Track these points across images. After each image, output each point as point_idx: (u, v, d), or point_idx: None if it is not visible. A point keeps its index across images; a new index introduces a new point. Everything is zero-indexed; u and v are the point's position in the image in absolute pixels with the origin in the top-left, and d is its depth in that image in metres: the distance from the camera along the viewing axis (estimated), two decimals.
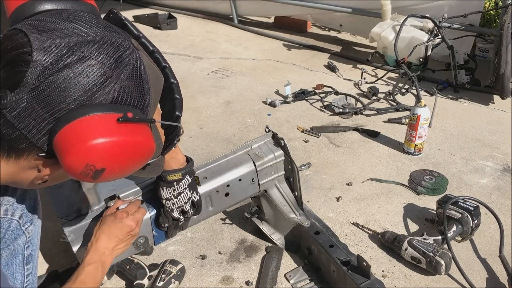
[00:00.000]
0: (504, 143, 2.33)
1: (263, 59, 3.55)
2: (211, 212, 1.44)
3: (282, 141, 1.48)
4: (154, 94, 0.79)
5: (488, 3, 3.80)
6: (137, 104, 0.74)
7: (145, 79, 0.75)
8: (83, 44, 0.70)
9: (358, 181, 2.00)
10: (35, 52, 0.67)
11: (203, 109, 2.69)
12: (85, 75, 0.68)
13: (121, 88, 0.71)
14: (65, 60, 0.68)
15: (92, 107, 0.68)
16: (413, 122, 2.15)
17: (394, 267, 1.53)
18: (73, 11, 0.80)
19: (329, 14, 3.90)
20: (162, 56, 0.93)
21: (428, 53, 3.09)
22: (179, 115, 0.92)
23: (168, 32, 4.17)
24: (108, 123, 0.68)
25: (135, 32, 0.91)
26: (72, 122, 0.67)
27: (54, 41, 0.69)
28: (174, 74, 0.95)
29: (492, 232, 1.68)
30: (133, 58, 0.74)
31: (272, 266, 1.50)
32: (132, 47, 0.75)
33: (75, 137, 0.67)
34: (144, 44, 0.91)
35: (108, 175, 0.72)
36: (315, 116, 2.62)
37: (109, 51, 0.71)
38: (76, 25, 0.72)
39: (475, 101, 2.83)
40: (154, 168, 0.95)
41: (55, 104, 0.67)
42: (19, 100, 0.67)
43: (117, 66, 0.71)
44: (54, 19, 0.73)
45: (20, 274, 1.06)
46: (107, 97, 0.70)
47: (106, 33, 0.74)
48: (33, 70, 0.67)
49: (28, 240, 1.08)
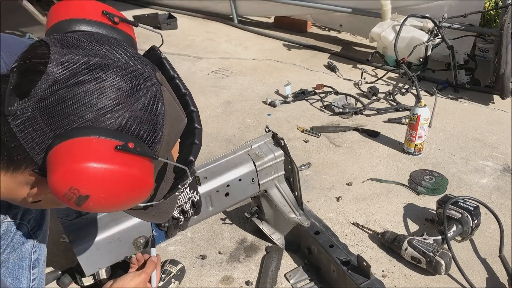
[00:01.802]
0: (504, 143, 2.33)
1: (263, 59, 3.55)
2: (211, 212, 1.44)
3: (282, 141, 1.48)
4: (170, 133, 0.75)
5: (488, 3, 3.80)
6: (145, 137, 0.70)
7: (161, 115, 0.71)
8: (102, 66, 0.68)
9: (358, 181, 2.00)
10: (51, 64, 0.66)
11: (203, 109, 2.69)
12: (96, 96, 0.66)
13: (131, 117, 0.68)
14: (79, 77, 0.66)
15: (94, 130, 0.65)
16: (413, 122, 2.15)
17: (394, 267, 1.53)
18: (106, 36, 0.78)
19: (329, 14, 3.90)
20: (183, 83, 0.90)
21: (428, 53, 3.09)
22: (192, 160, 0.86)
23: (168, 32, 4.17)
24: (105, 149, 0.64)
25: (170, 72, 0.89)
26: (69, 140, 0.64)
27: (73, 57, 0.67)
28: (194, 102, 0.91)
29: (492, 232, 1.68)
30: (152, 91, 0.71)
31: (272, 266, 1.50)
32: (154, 80, 0.72)
33: (67, 156, 0.64)
34: (177, 85, 0.89)
35: (92, 204, 0.66)
36: (315, 116, 2.62)
37: (126, 78, 0.69)
38: (101, 48, 0.70)
39: (475, 101, 2.83)
40: (159, 213, 0.88)
41: (58, 119, 0.65)
42: (25, 109, 0.65)
43: (132, 95, 0.68)
44: (82, 38, 0.72)
45: (26, 278, 1.07)
46: (114, 123, 0.67)
47: (131, 61, 0.71)
48: (45, 81, 0.65)
49: (35, 244, 1.09)
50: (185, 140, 0.90)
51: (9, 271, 1.03)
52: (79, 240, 1.22)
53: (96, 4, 0.83)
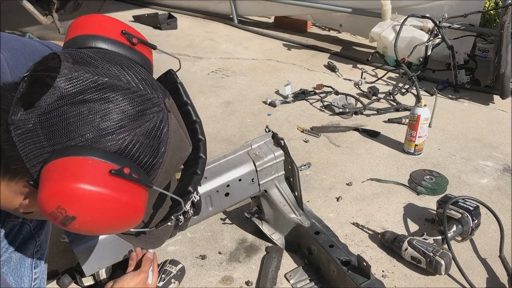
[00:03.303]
0: (504, 143, 2.33)
1: (263, 59, 3.55)
2: (211, 212, 1.44)
3: (282, 141, 1.48)
4: (171, 161, 0.74)
5: (488, 3, 3.80)
6: (144, 163, 0.68)
7: (164, 141, 0.70)
8: (111, 87, 0.67)
9: (358, 181, 2.00)
10: (59, 79, 0.65)
11: (203, 109, 2.69)
12: (99, 117, 0.65)
13: (132, 141, 0.67)
14: (85, 95, 0.65)
15: (92, 150, 0.64)
16: (413, 122, 2.15)
17: (394, 267, 1.53)
18: (121, 56, 0.77)
19: (329, 14, 3.90)
20: (195, 110, 0.89)
21: (428, 53, 3.09)
22: (190, 191, 0.83)
23: (168, 32, 4.17)
24: (99, 172, 0.63)
25: (183, 98, 0.89)
26: (65, 158, 0.63)
27: (83, 74, 0.66)
28: (203, 130, 0.89)
29: (492, 232, 1.68)
30: (158, 117, 0.70)
31: (272, 266, 1.50)
32: (162, 106, 0.71)
33: (60, 174, 0.62)
34: (188, 111, 0.88)
35: (78, 226, 0.64)
36: (315, 116, 2.62)
37: (134, 101, 0.68)
38: (113, 68, 0.70)
39: (475, 101, 2.83)
40: (152, 239, 0.86)
41: (58, 135, 0.64)
42: (27, 121, 0.65)
43: (137, 119, 0.67)
44: (96, 56, 0.71)
45: (27, 277, 1.08)
46: (114, 145, 0.66)
47: (141, 84, 0.70)
48: (50, 95, 0.65)
49: (38, 244, 1.09)
50: (188, 168, 0.88)
51: (11, 270, 1.04)
52: (79, 240, 1.22)
53: (117, 23, 0.83)
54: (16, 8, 3.70)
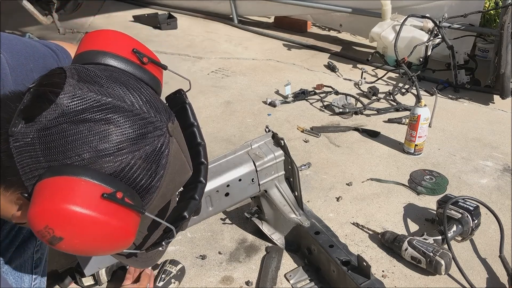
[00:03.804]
0: (504, 143, 2.33)
1: (263, 59, 3.55)
2: (211, 212, 1.44)
3: (282, 141, 1.48)
4: (168, 185, 0.73)
5: (488, 3, 3.80)
6: (140, 187, 0.68)
7: (162, 166, 0.70)
8: (113, 108, 0.66)
9: (358, 181, 2.00)
10: (62, 95, 0.65)
11: (203, 109, 2.69)
12: (98, 138, 0.64)
13: (129, 164, 0.66)
14: (87, 115, 0.65)
15: (87, 171, 0.63)
16: (413, 122, 2.15)
17: (394, 267, 1.53)
18: (129, 76, 0.76)
19: (329, 14, 3.90)
20: (200, 132, 0.88)
21: (428, 53, 3.09)
22: (185, 217, 0.81)
23: (168, 32, 4.17)
24: (91, 194, 0.62)
25: (190, 119, 0.88)
26: (59, 176, 0.62)
27: (87, 93, 0.66)
28: (207, 155, 0.88)
29: (492, 232, 1.68)
30: (159, 141, 0.69)
31: (272, 266, 1.50)
32: (164, 130, 0.70)
33: (51, 192, 0.62)
34: (193, 133, 0.87)
35: (65, 247, 0.64)
36: (315, 116, 2.62)
37: (135, 124, 0.67)
38: (118, 89, 0.69)
39: (475, 101, 2.83)
40: (144, 259, 0.85)
41: (55, 152, 0.64)
42: (26, 134, 0.65)
43: (137, 142, 0.66)
44: (103, 74, 0.70)
45: (28, 277, 1.08)
46: (110, 167, 0.65)
47: (145, 107, 0.69)
48: (52, 111, 0.64)
49: (38, 244, 1.09)
50: (186, 192, 0.87)
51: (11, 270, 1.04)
52: None
53: (129, 41, 0.82)
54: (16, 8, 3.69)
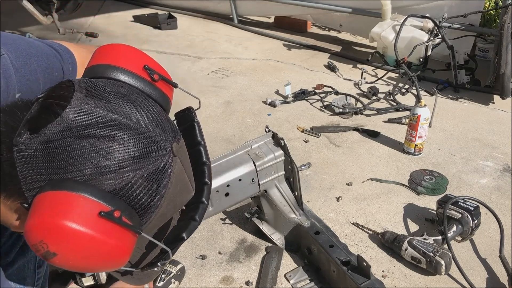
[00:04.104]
0: (504, 143, 2.33)
1: (263, 59, 3.55)
2: (211, 212, 1.44)
3: (282, 141, 1.48)
4: (169, 205, 0.73)
5: (488, 3, 3.80)
6: (139, 206, 0.67)
7: (164, 185, 0.69)
8: (119, 125, 0.66)
9: (358, 181, 2.00)
10: (69, 109, 0.64)
11: (203, 109, 2.69)
12: (101, 154, 0.64)
13: (130, 183, 0.65)
14: (91, 130, 0.64)
15: (87, 187, 0.63)
16: (413, 122, 2.15)
17: (394, 267, 1.53)
18: (137, 92, 0.75)
19: (329, 14, 3.90)
20: (206, 152, 0.88)
21: (428, 53, 3.09)
22: (183, 238, 0.81)
23: (168, 32, 4.17)
24: (88, 212, 0.61)
25: (197, 137, 0.88)
26: (58, 191, 0.62)
27: (93, 108, 0.66)
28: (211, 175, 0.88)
29: (492, 232, 1.68)
30: (162, 161, 0.68)
31: (272, 266, 1.50)
32: (168, 149, 0.69)
33: (49, 207, 0.62)
34: (199, 152, 0.87)
35: (59, 262, 0.63)
36: (315, 116, 2.62)
37: (139, 142, 0.66)
38: (125, 105, 0.68)
39: (475, 101, 2.83)
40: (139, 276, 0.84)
41: (57, 165, 0.64)
42: (30, 145, 0.64)
43: (139, 161, 0.66)
44: (111, 90, 0.70)
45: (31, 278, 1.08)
46: (110, 184, 0.64)
47: (151, 125, 0.69)
48: (57, 124, 0.64)
49: None
50: (187, 212, 0.86)
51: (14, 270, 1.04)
52: None
53: (141, 57, 0.82)
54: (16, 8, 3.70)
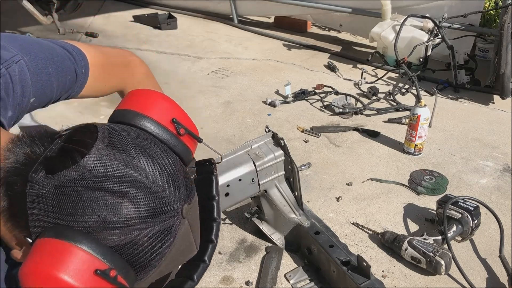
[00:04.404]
0: (504, 143, 2.33)
1: (263, 59, 3.55)
2: None
3: (282, 141, 1.48)
4: (168, 264, 0.72)
5: (488, 3, 3.80)
6: (138, 264, 0.66)
7: (167, 246, 0.68)
8: (133, 182, 0.65)
9: (358, 181, 2.00)
10: (87, 158, 0.64)
11: (203, 109, 2.69)
12: (109, 210, 0.63)
13: (133, 241, 0.65)
14: (105, 183, 0.64)
15: (89, 241, 0.62)
16: (413, 122, 2.15)
17: (394, 267, 1.53)
18: (161, 146, 0.74)
19: (329, 14, 3.90)
20: (219, 208, 0.88)
21: (428, 53, 3.09)
22: None
23: (168, 32, 4.17)
24: (84, 267, 0.61)
25: (213, 191, 0.88)
26: (60, 240, 0.62)
27: (112, 161, 0.65)
28: (218, 232, 0.87)
29: (492, 232, 1.68)
30: (170, 222, 0.67)
31: (272, 266, 1.51)
32: (178, 211, 0.69)
33: (47, 255, 0.61)
34: (212, 207, 0.87)
35: None
36: (315, 116, 2.62)
37: (151, 203, 0.66)
38: (145, 162, 0.67)
39: (475, 101, 2.83)
40: None
41: (65, 212, 0.63)
42: (43, 185, 0.64)
43: (147, 221, 0.65)
44: (134, 142, 0.70)
45: None
46: (113, 240, 0.64)
47: (167, 185, 0.68)
48: (73, 171, 0.63)
49: None
50: (187, 268, 0.85)
51: None
52: None
53: (171, 109, 0.81)
54: (16, 8, 3.70)
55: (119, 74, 1.08)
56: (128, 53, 1.16)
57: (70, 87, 0.92)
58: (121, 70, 1.08)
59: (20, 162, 0.67)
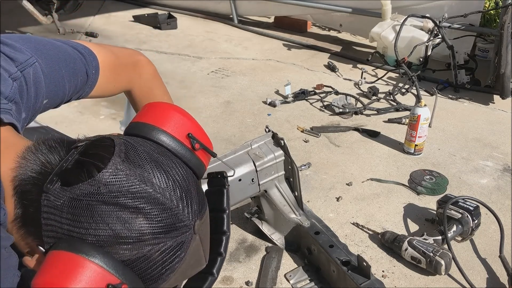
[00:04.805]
0: (504, 143, 2.33)
1: (263, 59, 3.55)
2: None
3: (282, 141, 1.48)
4: (178, 277, 0.72)
5: (488, 3, 3.80)
6: (148, 278, 0.67)
7: (177, 261, 0.69)
8: (148, 198, 0.65)
9: (358, 181, 2.00)
10: (103, 173, 0.64)
11: (203, 109, 2.69)
12: (123, 225, 0.63)
13: (145, 256, 0.65)
14: (120, 199, 0.64)
15: (101, 255, 0.62)
16: (413, 122, 2.15)
17: (394, 267, 1.53)
18: (176, 160, 0.74)
19: (329, 14, 3.90)
20: (228, 221, 0.88)
21: (428, 53, 3.09)
22: None
23: (168, 32, 4.17)
24: (98, 282, 0.61)
25: (224, 204, 0.90)
26: (74, 253, 0.62)
27: (127, 177, 0.65)
28: (227, 245, 0.88)
29: (492, 232, 1.68)
30: (182, 238, 0.68)
31: (272, 266, 1.50)
32: (191, 228, 0.69)
33: (60, 268, 0.61)
34: (222, 220, 0.88)
35: None
36: (315, 116, 2.62)
37: (165, 219, 0.66)
38: (160, 178, 0.68)
39: (475, 101, 2.83)
40: None
41: (78, 225, 0.63)
42: (59, 197, 0.64)
43: (159, 237, 0.65)
44: (150, 157, 0.70)
45: None
46: (125, 254, 0.64)
47: (180, 202, 0.68)
48: (88, 185, 0.64)
49: None
50: (195, 280, 0.86)
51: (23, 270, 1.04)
52: None
53: (187, 122, 0.82)
54: (16, 8, 3.70)
55: (128, 74, 1.08)
56: (136, 52, 1.16)
57: (81, 87, 0.93)
58: (130, 70, 1.08)
59: (36, 171, 0.67)
